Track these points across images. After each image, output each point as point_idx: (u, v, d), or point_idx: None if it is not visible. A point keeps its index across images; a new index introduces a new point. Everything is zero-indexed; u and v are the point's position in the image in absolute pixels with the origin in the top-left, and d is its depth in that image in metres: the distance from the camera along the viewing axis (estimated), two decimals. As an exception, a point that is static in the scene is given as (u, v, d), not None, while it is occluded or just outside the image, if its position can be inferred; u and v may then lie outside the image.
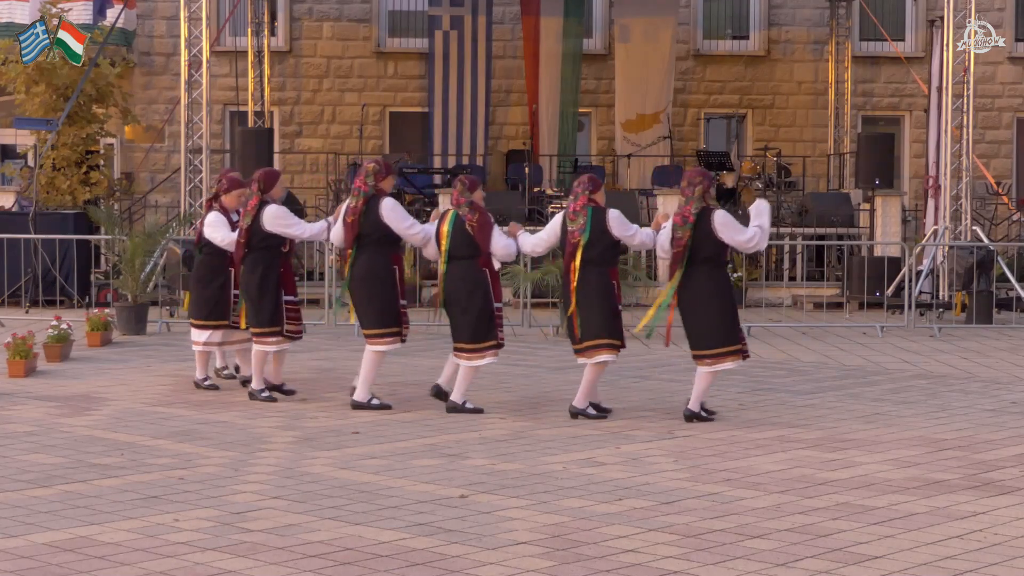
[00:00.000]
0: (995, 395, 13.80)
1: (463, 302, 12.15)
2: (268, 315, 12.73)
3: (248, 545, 7.81)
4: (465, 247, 12.19)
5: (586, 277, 12.02)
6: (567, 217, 12.18)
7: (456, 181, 12.50)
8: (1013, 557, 7.71)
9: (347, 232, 12.37)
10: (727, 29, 30.57)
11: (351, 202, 12.36)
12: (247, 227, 12.67)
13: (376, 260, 12.32)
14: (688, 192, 11.99)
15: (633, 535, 8.12)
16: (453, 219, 12.25)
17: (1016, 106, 30.23)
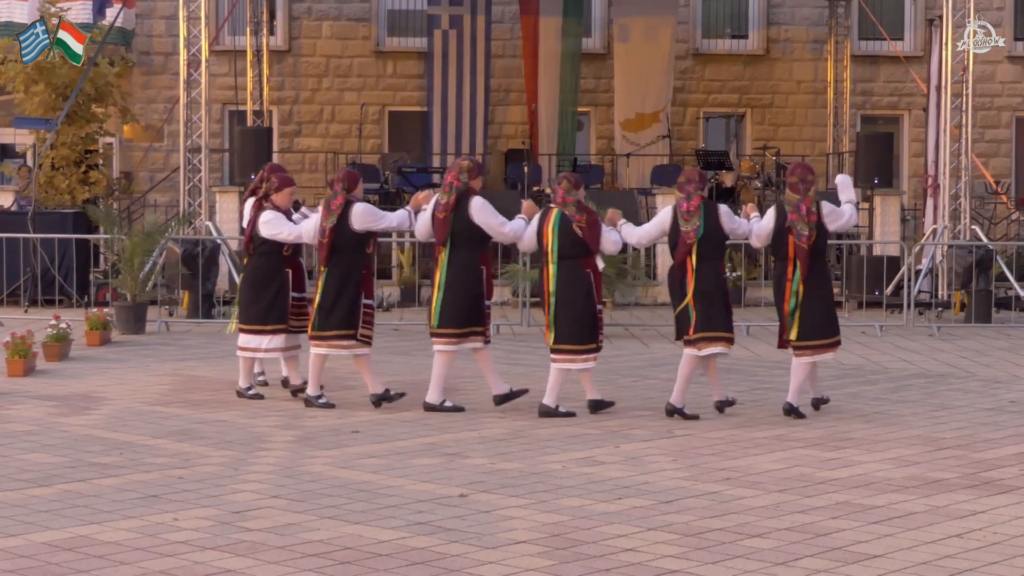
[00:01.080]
0: (994, 394, 13.81)
1: (570, 304, 12.12)
2: (344, 318, 12.37)
3: (247, 544, 7.82)
4: (573, 247, 12.14)
5: (703, 273, 12.17)
6: (680, 216, 12.22)
7: (561, 179, 12.44)
8: (1012, 556, 7.73)
9: (438, 228, 12.24)
10: (726, 28, 30.58)
11: (442, 198, 12.23)
12: (332, 227, 12.34)
13: (467, 258, 12.21)
14: (801, 189, 12.25)
15: (632, 534, 8.13)
16: (559, 219, 12.17)
17: (1015, 105, 30.23)
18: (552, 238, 12.15)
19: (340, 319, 12.36)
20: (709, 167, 27.13)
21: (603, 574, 7.32)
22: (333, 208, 12.37)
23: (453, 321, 12.21)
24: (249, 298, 13.01)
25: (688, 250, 12.14)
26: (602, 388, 13.50)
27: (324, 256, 12.41)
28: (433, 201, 12.36)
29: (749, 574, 7.34)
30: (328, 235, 12.33)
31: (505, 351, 16.35)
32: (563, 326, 12.13)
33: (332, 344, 12.41)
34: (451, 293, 12.21)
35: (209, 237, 20.86)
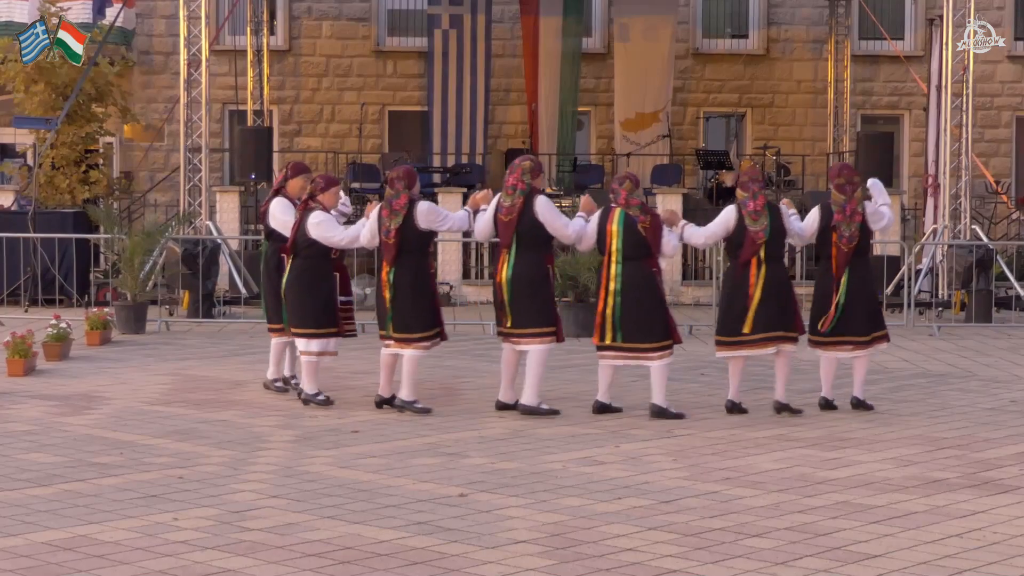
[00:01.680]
0: (994, 394, 13.82)
1: (637, 304, 12.11)
2: (426, 319, 12.21)
3: (247, 544, 7.81)
4: (637, 248, 12.14)
5: (772, 272, 12.32)
6: (748, 216, 12.28)
7: (623, 179, 12.42)
8: (1012, 556, 7.72)
9: (503, 230, 12.16)
10: (726, 28, 30.60)
11: (505, 200, 12.12)
12: (399, 227, 12.12)
13: (534, 259, 12.16)
14: (848, 191, 12.57)
15: (632, 534, 8.12)
16: (623, 219, 12.13)
17: (1015, 105, 30.24)
18: (617, 238, 12.13)
19: (423, 321, 12.21)
20: (709, 167, 27.20)
21: (603, 574, 7.31)
22: (397, 208, 12.15)
23: (533, 321, 12.17)
24: (297, 302, 12.63)
25: (756, 250, 12.26)
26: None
27: (392, 257, 12.16)
28: (494, 202, 12.27)
29: (749, 574, 7.33)
30: (395, 235, 12.13)
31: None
32: (630, 326, 12.11)
33: (416, 345, 12.21)
34: (521, 295, 12.15)
35: (209, 237, 20.87)
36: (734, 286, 12.43)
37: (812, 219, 12.70)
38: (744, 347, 12.35)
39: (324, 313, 12.58)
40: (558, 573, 7.31)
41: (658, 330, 12.14)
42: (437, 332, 12.30)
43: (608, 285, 12.17)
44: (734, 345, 12.38)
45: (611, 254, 12.17)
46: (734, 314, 12.36)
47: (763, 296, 12.24)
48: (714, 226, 12.60)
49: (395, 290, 12.15)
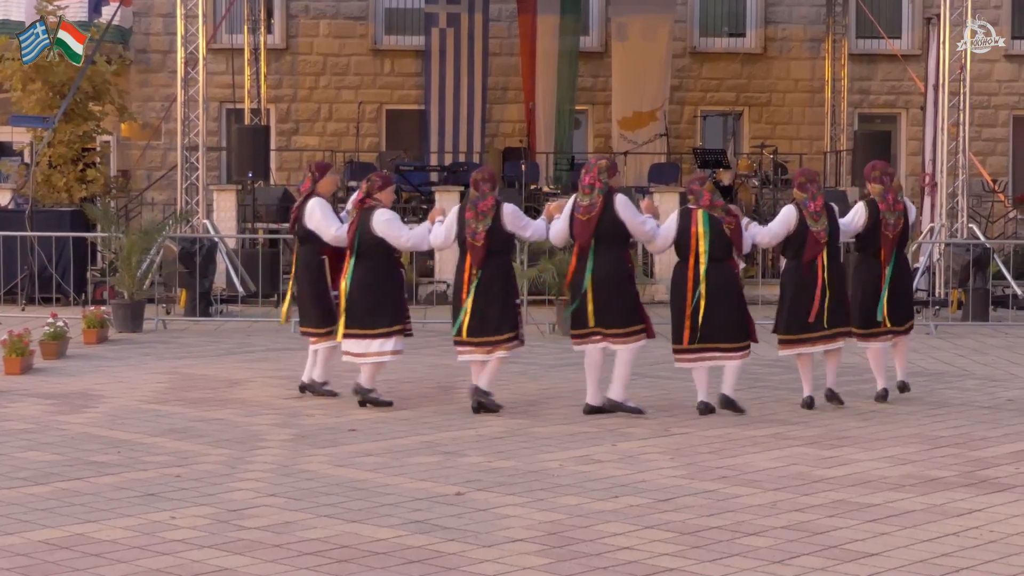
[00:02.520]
0: (991, 392, 13.83)
1: (726, 304, 12.20)
2: (510, 321, 12.15)
3: (245, 543, 7.80)
4: (723, 249, 12.21)
5: (835, 271, 12.57)
6: (809, 216, 12.42)
7: (703, 179, 12.53)
8: (1009, 554, 7.72)
9: (581, 230, 12.00)
10: (724, 27, 30.61)
11: (583, 200, 12.00)
12: (487, 230, 12.03)
13: (616, 258, 12.10)
14: (885, 181, 12.88)
15: (629, 532, 8.11)
16: (708, 220, 12.17)
17: (1012, 104, 30.26)
18: (704, 240, 12.15)
19: (508, 323, 12.16)
20: (707, 165, 27.17)
21: (600, 572, 7.30)
22: (483, 209, 12.06)
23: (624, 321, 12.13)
24: (361, 300, 12.36)
25: (820, 250, 12.44)
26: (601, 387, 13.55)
27: (480, 259, 12.05)
28: (569, 206, 12.13)
29: (746, 572, 7.33)
30: (484, 238, 12.05)
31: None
32: (714, 327, 12.17)
33: (503, 347, 12.19)
34: (607, 295, 12.05)
35: (206, 235, 20.87)
36: (798, 285, 12.56)
37: (859, 215, 12.95)
38: (809, 344, 12.60)
39: (397, 312, 12.45)
40: (555, 571, 7.30)
41: (740, 330, 12.29)
42: (514, 336, 12.24)
43: (696, 288, 12.16)
44: (798, 343, 12.62)
45: (696, 256, 12.17)
46: (800, 312, 12.53)
47: (831, 294, 12.49)
48: (776, 226, 12.74)
49: (482, 294, 12.07)
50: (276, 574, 7.22)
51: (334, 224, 12.75)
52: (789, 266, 12.80)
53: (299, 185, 13.17)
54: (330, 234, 12.71)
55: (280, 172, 28.70)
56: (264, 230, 23.01)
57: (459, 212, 12.26)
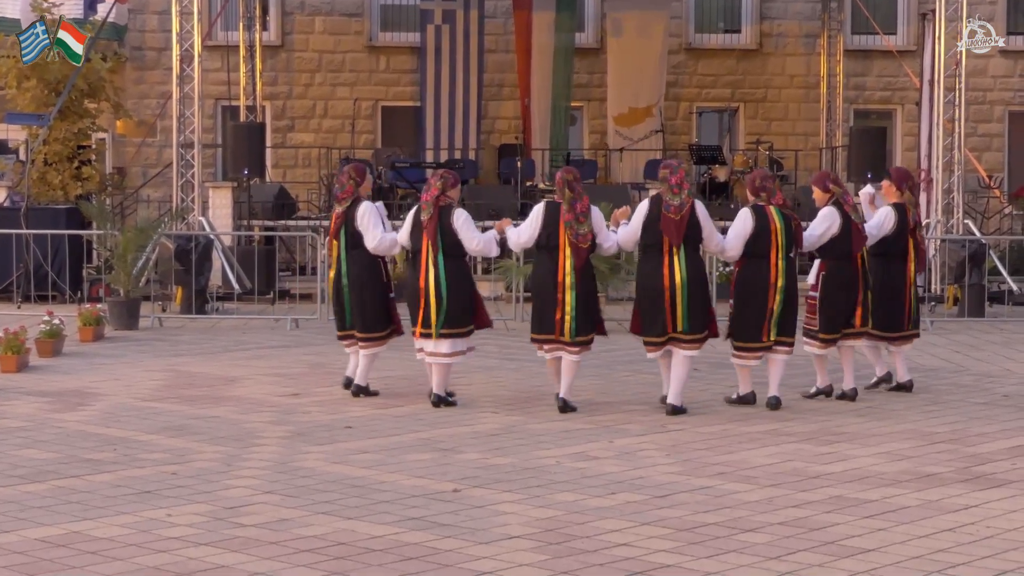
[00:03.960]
0: (987, 388, 13.85)
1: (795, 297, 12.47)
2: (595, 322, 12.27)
3: (241, 540, 7.81)
4: (793, 246, 12.40)
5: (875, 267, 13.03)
6: (852, 211, 12.70)
7: (772, 177, 12.73)
8: (1005, 550, 7.73)
9: (674, 230, 11.93)
10: (719, 23, 30.60)
11: (674, 200, 11.96)
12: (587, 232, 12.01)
13: (698, 262, 12.18)
14: (916, 192, 13.48)
15: (626, 529, 8.13)
16: (783, 217, 12.32)
17: (1007, 99, 30.27)
18: (783, 235, 12.26)
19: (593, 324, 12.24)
20: (702, 162, 27.20)
21: (597, 569, 7.31)
22: (582, 210, 12.01)
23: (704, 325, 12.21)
24: (456, 301, 12.25)
25: (864, 242, 12.77)
26: (595, 383, 13.61)
27: (584, 261, 12.03)
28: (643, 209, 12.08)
29: (743, 568, 7.34)
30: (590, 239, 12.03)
31: (498, 345, 16.37)
32: (787, 322, 12.36)
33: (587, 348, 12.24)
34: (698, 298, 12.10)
35: (202, 232, 20.86)
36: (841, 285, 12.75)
37: (889, 219, 13.13)
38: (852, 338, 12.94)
39: (471, 311, 12.43)
40: (552, 568, 7.30)
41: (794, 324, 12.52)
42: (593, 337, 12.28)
43: (775, 283, 12.26)
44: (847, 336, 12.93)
45: (777, 251, 12.26)
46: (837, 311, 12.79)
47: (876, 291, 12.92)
48: (819, 227, 12.78)
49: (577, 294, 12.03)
50: (273, 571, 7.21)
51: (378, 229, 12.68)
52: (831, 267, 12.79)
53: (336, 192, 13.03)
54: (375, 240, 12.66)
55: (276, 169, 28.70)
56: (260, 227, 23.01)
57: (546, 212, 12.09)
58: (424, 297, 12.20)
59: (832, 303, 12.77)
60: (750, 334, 12.34)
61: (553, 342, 12.12)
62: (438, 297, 12.17)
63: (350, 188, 12.81)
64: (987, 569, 7.35)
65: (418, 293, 12.25)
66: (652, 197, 12.23)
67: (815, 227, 12.77)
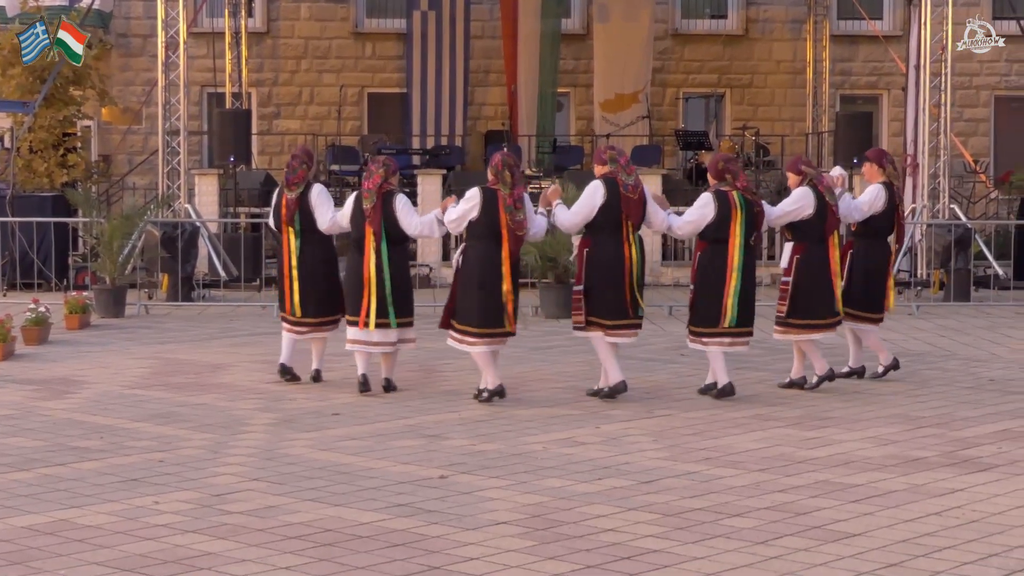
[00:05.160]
0: (973, 373, 13.89)
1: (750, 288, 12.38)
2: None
3: (228, 527, 7.83)
4: (753, 231, 12.37)
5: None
6: (826, 192, 12.61)
7: (735, 160, 12.70)
8: (991, 534, 7.77)
9: (636, 210, 11.95)
10: (705, 8, 30.62)
11: (629, 180, 11.92)
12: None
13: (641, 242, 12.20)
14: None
15: (613, 514, 8.15)
16: (744, 202, 12.26)
17: (993, 84, 30.31)
18: (741, 223, 12.15)
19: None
20: (689, 147, 27.23)
21: (584, 555, 7.32)
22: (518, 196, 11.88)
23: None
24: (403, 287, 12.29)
25: (838, 224, 12.70)
26: (581, 369, 13.59)
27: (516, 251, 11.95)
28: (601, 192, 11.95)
29: (729, 554, 7.36)
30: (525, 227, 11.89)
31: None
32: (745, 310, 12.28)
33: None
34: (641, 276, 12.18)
35: (188, 220, 20.85)
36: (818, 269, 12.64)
37: (878, 198, 13.11)
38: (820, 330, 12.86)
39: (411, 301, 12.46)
40: (539, 554, 7.33)
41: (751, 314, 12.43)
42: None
43: (734, 267, 12.16)
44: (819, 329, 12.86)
45: (733, 238, 12.14)
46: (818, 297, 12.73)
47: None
48: (789, 204, 12.66)
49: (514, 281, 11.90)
50: (260, 558, 7.22)
51: (328, 213, 12.65)
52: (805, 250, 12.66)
53: (287, 177, 12.92)
54: (324, 222, 12.64)
55: (262, 156, 28.67)
56: (246, 214, 23.00)
57: (483, 197, 11.80)
58: (368, 286, 12.06)
59: (804, 288, 12.60)
60: (709, 320, 12.22)
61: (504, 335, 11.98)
62: (380, 284, 12.05)
63: (302, 173, 12.77)
64: (973, 552, 7.38)
65: (361, 282, 12.10)
66: (604, 179, 11.99)
67: (785, 204, 12.68)
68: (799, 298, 12.58)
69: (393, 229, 12.13)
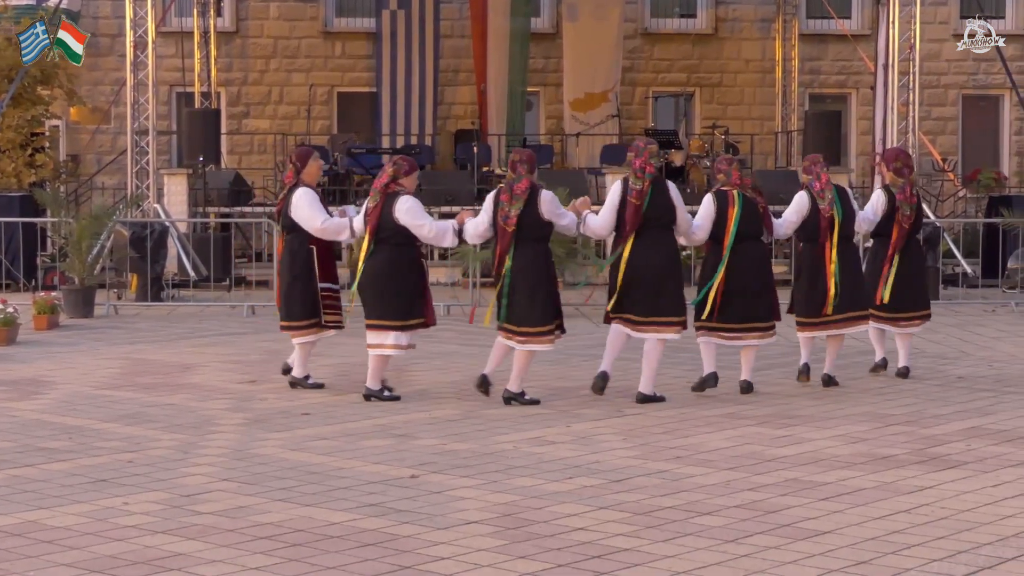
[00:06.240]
0: (941, 370, 13.98)
1: (756, 282, 12.40)
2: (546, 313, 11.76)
3: (198, 528, 7.81)
4: (757, 228, 12.40)
5: (847, 252, 12.95)
6: (816, 195, 12.75)
7: (731, 160, 12.71)
8: (959, 530, 7.79)
9: (631, 216, 11.84)
10: (675, 8, 30.68)
11: (636, 184, 11.80)
12: (519, 213, 11.59)
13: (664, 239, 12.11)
14: (905, 173, 13.43)
15: (584, 513, 8.16)
16: (743, 200, 12.31)
17: (961, 83, 30.44)
18: (735, 221, 12.22)
19: (541, 313, 11.72)
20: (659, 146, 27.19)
21: (555, 553, 7.32)
22: (517, 192, 11.63)
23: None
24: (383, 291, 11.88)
25: (829, 226, 12.71)
26: (553, 369, 13.64)
27: (506, 245, 11.67)
28: (618, 192, 11.93)
29: (699, 552, 7.37)
30: (515, 223, 11.61)
31: (456, 332, 16.38)
32: (751, 304, 12.35)
33: (531, 339, 11.72)
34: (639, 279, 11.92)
35: (157, 220, 20.84)
36: (814, 268, 12.82)
37: (879, 202, 13.36)
38: (827, 327, 12.94)
39: (415, 304, 11.95)
40: (510, 553, 7.33)
41: (767, 311, 12.46)
42: (552, 329, 11.78)
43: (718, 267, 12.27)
44: (815, 327, 12.94)
45: (727, 234, 12.26)
46: (818, 296, 12.82)
47: (843, 278, 12.78)
48: (791, 214, 12.89)
49: (511, 281, 11.69)
50: (230, 559, 7.21)
51: (320, 215, 12.27)
52: (805, 249, 13.04)
53: (282, 176, 12.83)
54: (316, 226, 12.25)
55: (231, 156, 28.64)
56: (216, 214, 22.98)
57: (494, 197, 11.83)
58: (361, 288, 11.98)
59: (803, 286, 12.96)
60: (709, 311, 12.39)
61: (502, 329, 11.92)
62: (360, 287, 11.93)
63: (290, 173, 12.56)
64: (942, 549, 7.39)
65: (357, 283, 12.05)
66: (623, 180, 12.05)
67: (786, 214, 12.94)
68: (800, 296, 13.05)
69: (388, 231, 11.80)
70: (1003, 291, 21.24)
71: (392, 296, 11.84)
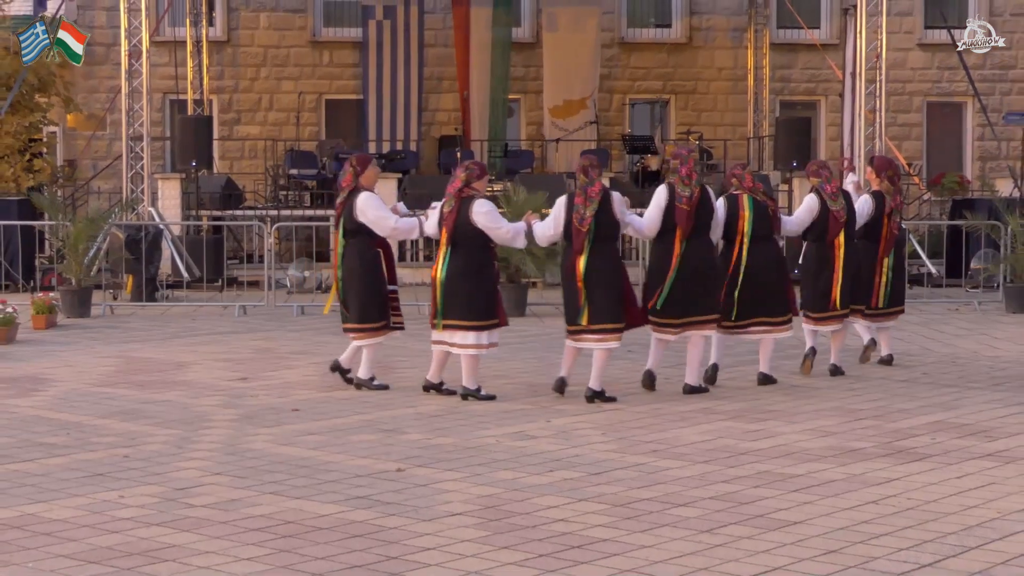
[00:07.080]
0: (908, 367, 14.14)
1: (767, 280, 12.72)
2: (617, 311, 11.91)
3: (192, 520, 7.86)
4: (767, 229, 12.76)
5: (851, 250, 13.45)
6: (828, 198, 13.25)
7: (743, 166, 13.12)
8: (925, 520, 7.88)
9: (684, 220, 12.08)
10: (650, 18, 30.87)
11: (684, 191, 12.09)
12: (594, 214, 11.75)
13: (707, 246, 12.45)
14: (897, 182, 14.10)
15: (564, 505, 8.24)
16: (753, 204, 12.71)
17: (926, 91, 30.67)
18: (748, 222, 12.64)
19: (614, 312, 11.91)
20: (635, 151, 27.56)
21: (536, 544, 7.38)
22: (592, 195, 11.81)
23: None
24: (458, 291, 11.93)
25: (840, 229, 13.26)
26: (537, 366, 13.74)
27: (580, 245, 11.79)
28: (664, 196, 12.17)
29: (676, 542, 7.43)
30: (590, 223, 11.77)
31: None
32: (763, 300, 12.73)
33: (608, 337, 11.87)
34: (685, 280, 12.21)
35: (151, 223, 20.98)
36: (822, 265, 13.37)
37: (867, 206, 13.81)
38: (829, 322, 13.48)
39: (492, 304, 12.00)
40: (492, 544, 7.39)
41: (781, 306, 12.85)
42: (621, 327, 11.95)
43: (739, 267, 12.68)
44: (822, 320, 13.48)
45: (741, 235, 12.69)
46: (825, 291, 13.36)
47: (845, 274, 13.31)
48: (803, 214, 13.48)
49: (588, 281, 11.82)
50: (222, 550, 7.25)
51: (392, 216, 12.32)
52: (811, 247, 13.56)
53: (339, 179, 12.83)
54: (389, 226, 12.29)
55: (223, 161, 28.77)
56: (208, 217, 23.14)
57: (566, 201, 11.96)
58: (434, 289, 12.03)
59: (810, 282, 13.56)
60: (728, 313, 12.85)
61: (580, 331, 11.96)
62: (442, 289, 11.95)
63: (349, 177, 12.43)
64: (908, 539, 7.48)
65: (433, 285, 12.09)
66: (667, 184, 12.28)
67: (798, 213, 13.59)
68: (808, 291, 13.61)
69: (464, 234, 11.89)
70: (966, 291, 21.55)
71: (475, 297, 11.93)
